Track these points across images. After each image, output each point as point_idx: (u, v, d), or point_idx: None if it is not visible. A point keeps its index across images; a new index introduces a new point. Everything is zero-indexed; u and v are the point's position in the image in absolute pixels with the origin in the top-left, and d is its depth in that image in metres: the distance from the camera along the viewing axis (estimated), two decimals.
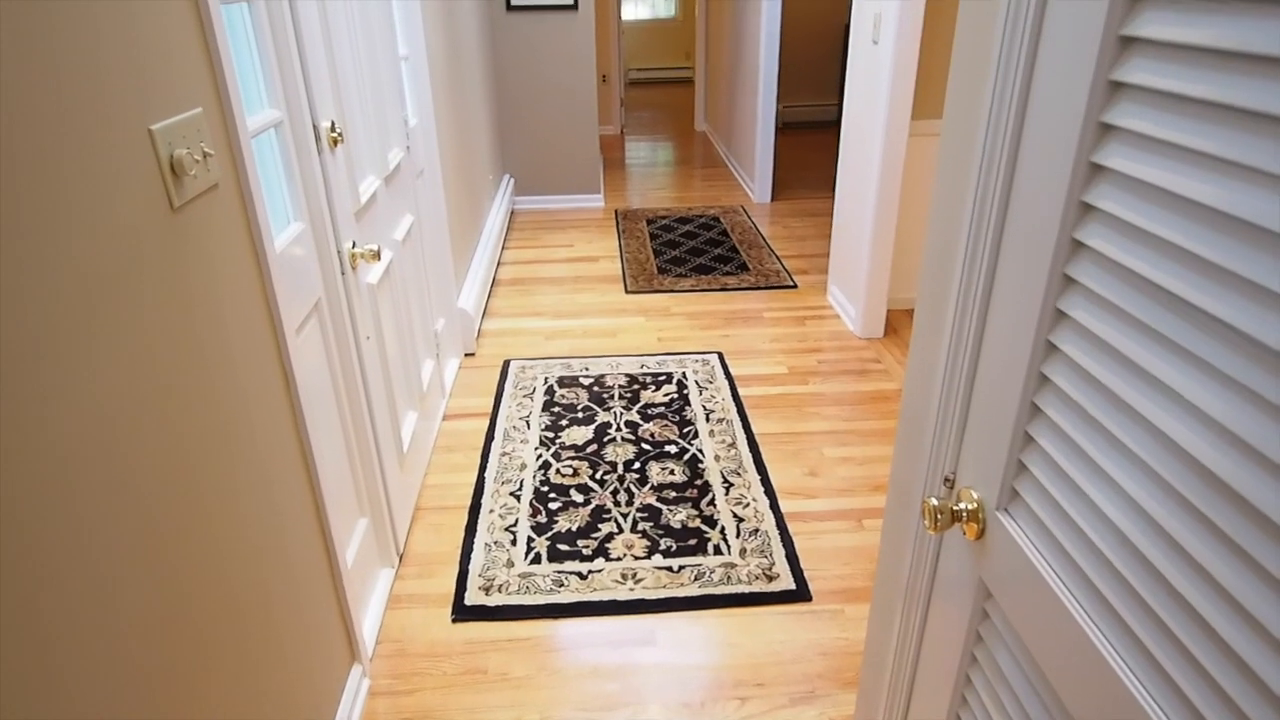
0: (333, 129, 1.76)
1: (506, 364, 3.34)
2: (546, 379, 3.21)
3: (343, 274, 1.82)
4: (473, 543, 2.30)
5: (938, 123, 3.37)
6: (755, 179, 5.53)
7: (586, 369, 3.29)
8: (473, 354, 3.44)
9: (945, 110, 1.00)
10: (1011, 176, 0.82)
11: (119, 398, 0.94)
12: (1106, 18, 0.66)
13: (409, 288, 2.55)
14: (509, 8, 4.94)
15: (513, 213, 5.42)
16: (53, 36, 0.86)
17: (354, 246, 1.87)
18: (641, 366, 3.30)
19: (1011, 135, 0.81)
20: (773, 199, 5.66)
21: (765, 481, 2.55)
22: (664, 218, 5.28)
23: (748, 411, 2.97)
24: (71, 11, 0.89)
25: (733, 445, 2.74)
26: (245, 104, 1.42)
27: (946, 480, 1.01)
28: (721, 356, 3.37)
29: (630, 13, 10.63)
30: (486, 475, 2.60)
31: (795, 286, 4.11)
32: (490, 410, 3.00)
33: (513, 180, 5.44)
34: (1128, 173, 0.66)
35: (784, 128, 8.00)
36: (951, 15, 3.24)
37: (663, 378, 3.20)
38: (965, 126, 0.95)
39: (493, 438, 2.81)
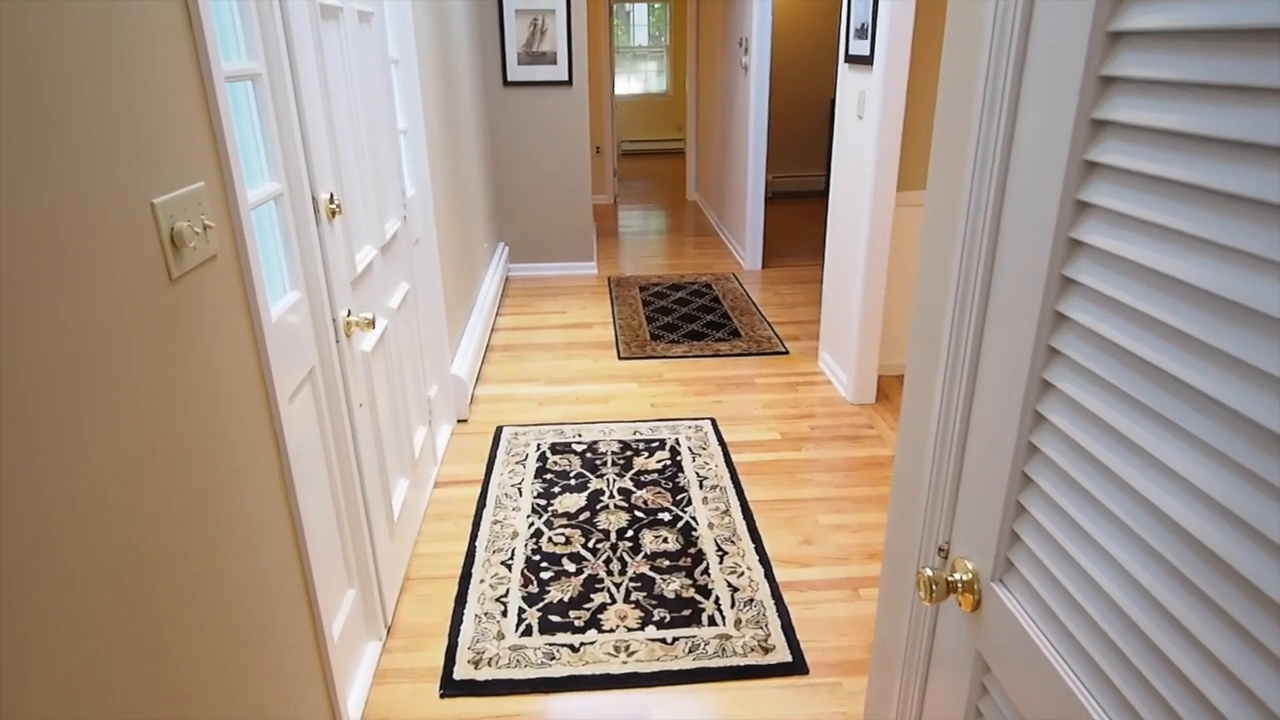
0: (331, 200, 1.79)
1: (499, 430, 3.33)
2: (539, 445, 3.20)
3: (337, 342, 1.83)
4: (463, 614, 2.25)
5: (923, 194, 3.46)
6: (746, 247, 5.62)
7: (579, 435, 3.28)
8: (465, 420, 3.44)
9: (928, 187, 1.03)
10: (994, 251, 0.84)
11: (109, 466, 0.94)
12: (1079, 101, 0.69)
13: (403, 355, 2.56)
14: (505, 83, 5.09)
15: (507, 280, 5.48)
16: (62, 111, 0.88)
17: (349, 315, 1.89)
18: (634, 433, 3.30)
19: (992, 211, 0.84)
20: (764, 266, 5.74)
21: (760, 550, 2.52)
22: (656, 285, 5.35)
23: (741, 478, 2.95)
24: (82, 87, 0.92)
25: (726, 512, 2.72)
26: (246, 177, 1.45)
27: (941, 550, 1.01)
28: (714, 422, 3.37)
29: (623, 87, 10.96)
30: (477, 544, 2.57)
31: (787, 353, 4.14)
32: (482, 477, 2.98)
33: (507, 248, 5.52)
34: (1105, 248, 0.68)
35: (773, 197, 8.17)
36: (933, 92, 3.36)
37: (655, 444, 3.20)
38: (947, 202, 0.98)
39: (484, 505, 2.78)
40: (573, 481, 2.93)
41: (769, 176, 8.13)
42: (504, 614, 2.25)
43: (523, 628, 2.19)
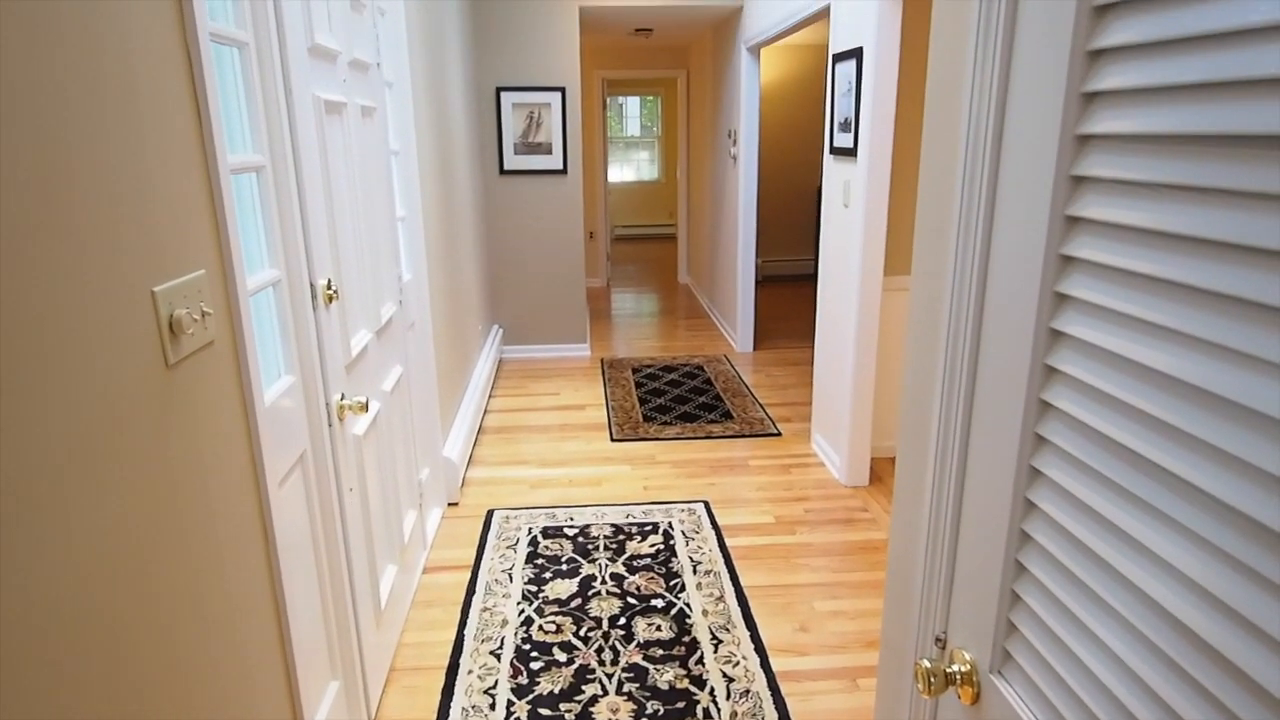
0: (329, 286, 1.82)
1: (490, 514, 3.29)
2: (530, 530, 3.15)
3: (330, 426, 1.83)
4: (449, 707, 2.18)
5: (909, 278, 3.53)
6: (737, 329, 5.69)
7: (571, 519, 3.24)
8: (456, 504, 3.40)
9: (912, 279, 1.06)
10: (978, 340, 0.86)
11: (93, 554, 0.93)
12: (1052, 198, 0.72)
13: (395, 438, 2.55)
14: (502, 172, 5.24)
15: (501, 362, 5.51)
16: (71, 202, 0.91)
17: (343, 399, 1.89)
18: (627, 516, 3.26)
19: (975, 302, 0.86)
20: (755, 348, 5.79)
21: (755, 638, 2.47)
22: (649, 366, 5.38)
23: (735, 563, 2.91)
24: (93, 180, 0.95)
25: (721, 599, 2.67)
26: (246, 263, 1.48)
27: (938, 640, 0.99)
28: (708, 505, 3.34)
29: (616, 175, 11.28)
30: (466, 632, 2.50)
31: (779, 434, 4.14)
32: (472, 563, 2.92)
33: (501, 330, 5.57)
34: (1086, 339, 0.70)
35: (764, 280, 8.31)
36: (916, 182, 3.47)
37: (649, 527, 3.16)
38: (931, 293, 1.00)
39: (474, 592, 2.73)
40: (564, 567, 2.88)
41: (759, 260, 8.29)
42: (492, 707, 2.18)
43: None
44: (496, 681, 2.28)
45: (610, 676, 2.29)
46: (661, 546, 3.01)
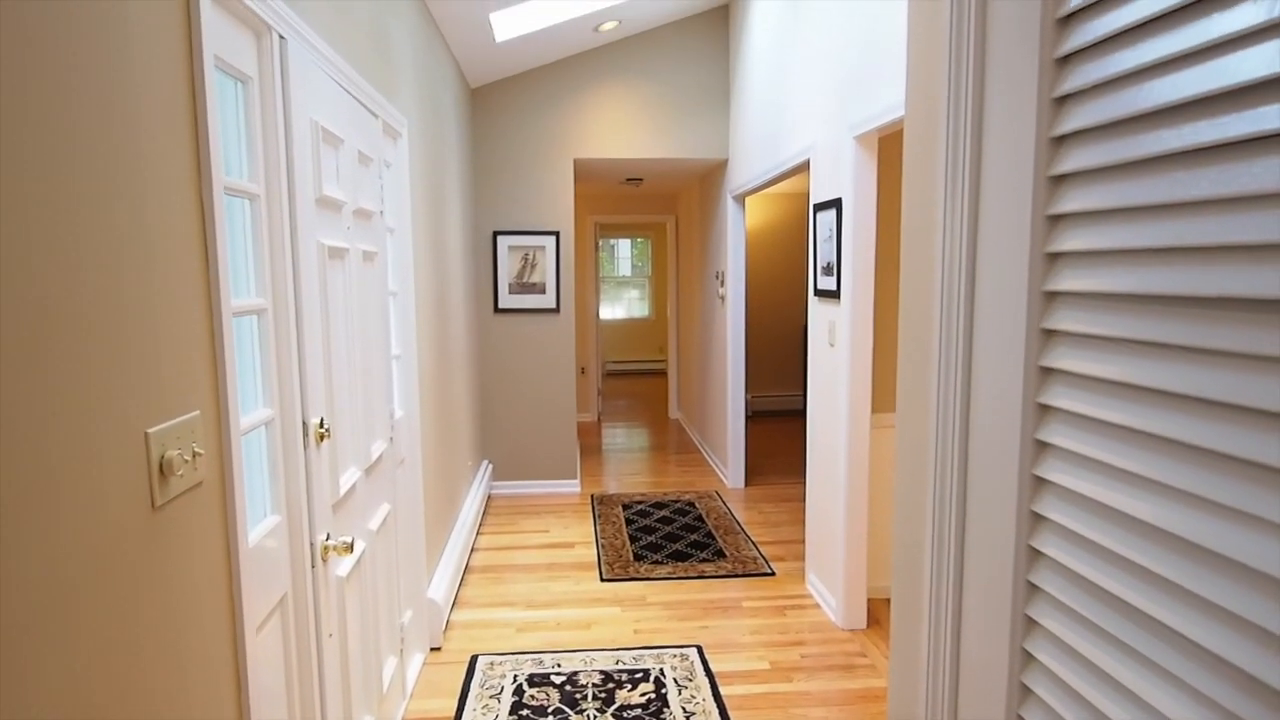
0: (321, 425, 1.83)
1: (474, 660, 3.15)
2: (515, 677, 3.01)
3: (313, 567, 1.78)
4: None
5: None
6: (728, 465, 5.67)
7: (559, 665, 3.10)
8: (439, 648, 3.26)
9: (897, 431, 1.08)
10: (964, 489, 0.87)
11: (51, 705, 0.88)
12: (1025, 351, 0.76)
13: (379, 579, 2.48)
14: (496, 310, 5.37)
15: (490, 497, 5.44)
16: (73, 340, 0.93)
17: (328, 539, 1.86)
18: (617, 662, 3.13)
19: (958, 451, 0.88)
20: (746, 484, 5.75)
21: None
22: (640, 503, 5.31)
23: (731, 714, 2.77)
24: (94, 325, 0.98)
25: None
26: (241, 403, 1.49)
27: None
28: (701, 650, 3.22)
29: (608, 312, 11.56)
30: None
31: (773, 574, 4.05)
32: (453, 714, 2.77)
33: (491, 466, 5.53)
34: (1067, 485, 0.71)
35: (753, 415, 8.36)
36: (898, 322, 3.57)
37: (639, 675, 3.02)
38: (916, 440, 1.02)
39: None
40: (551, 718, 2.73)
41: (748, 396, 8.38)
42: None
43: None
44: None
45: None
46: (653, 696, 2.88)
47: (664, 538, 4.61)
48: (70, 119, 0.93)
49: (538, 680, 3.01)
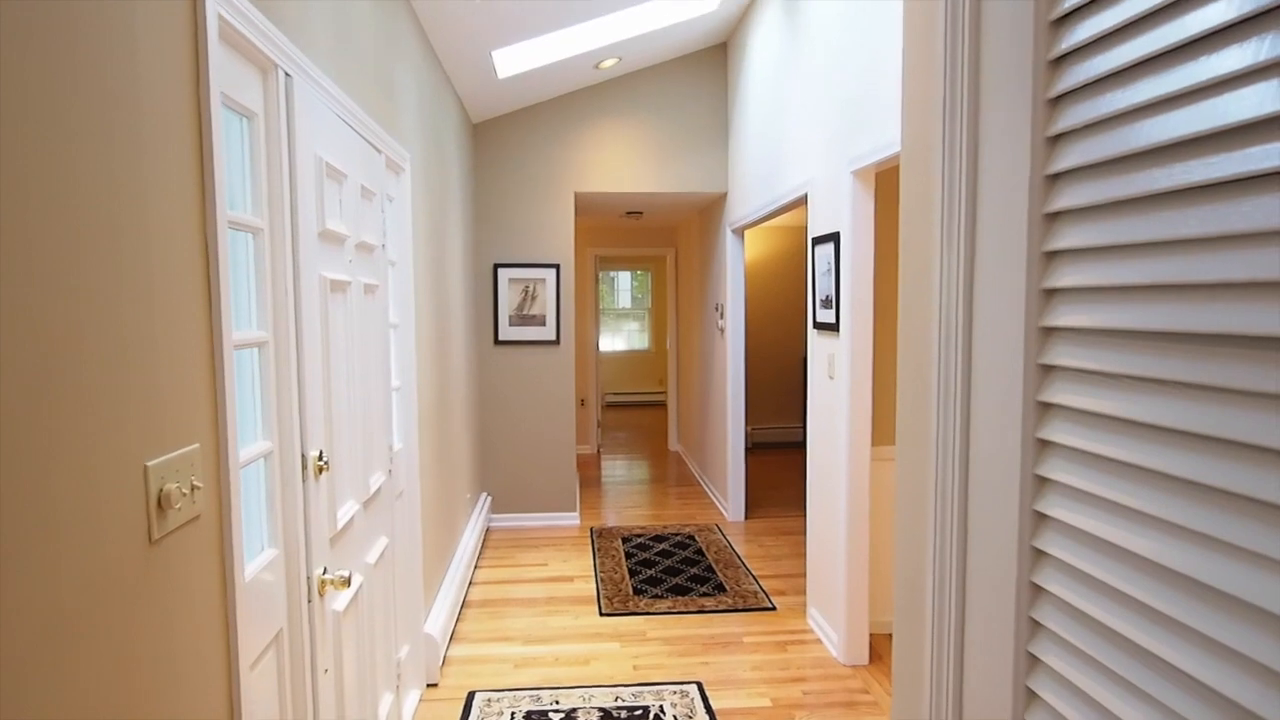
0: (320, 457, 1.82)
1: (470, 697, 3.11)
2: (513, 714, 2.97)
3: (309, 602, 1.77)
4: None
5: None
6: (728, 497, 5.64)
7: (557, 702, 3.06)
8: (435, 684, 3.21)
9: (897, 465, 1.08)
10: (965, 524, 0.87)
11: None
12: (1023, 388, 0.76)
13: (376, 613, 2.46)
14: (497, 342, 5.38)
15: (488, 530, 5.41)
16: (76, 372, 0.93)
17: (325, 573, 1.84)
18: (616, 699, 3.08)
19: (959, 486, 0.87)
20: (746, 517, 5.72)
21: None
22: (639, 535, 5.28)
23: None
24: (99, 354, 0.98)
25: None
26: (240, 435, 1.49)
27: None
28: (701, 687, 3.17)
29: (608, 344, 11.58)
30: None
31: (774, 609, 4.01)
32: None
33: (490, 498, 5.50)
34: (1068, 521, 0.71)
35: (753, 448, 8.34)
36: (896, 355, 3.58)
37: (638, 712, 2.98)
38: (916, 477, 1.02)
39: None
40: None
41: (748, 428, 8.36)
42: None
43: None
44: None
45: None
46: None
47: (664, 571, 4.57)
48: (76, 155, 0.95)
49: (535, 717, 2.97)
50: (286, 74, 1.64)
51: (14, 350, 0.83)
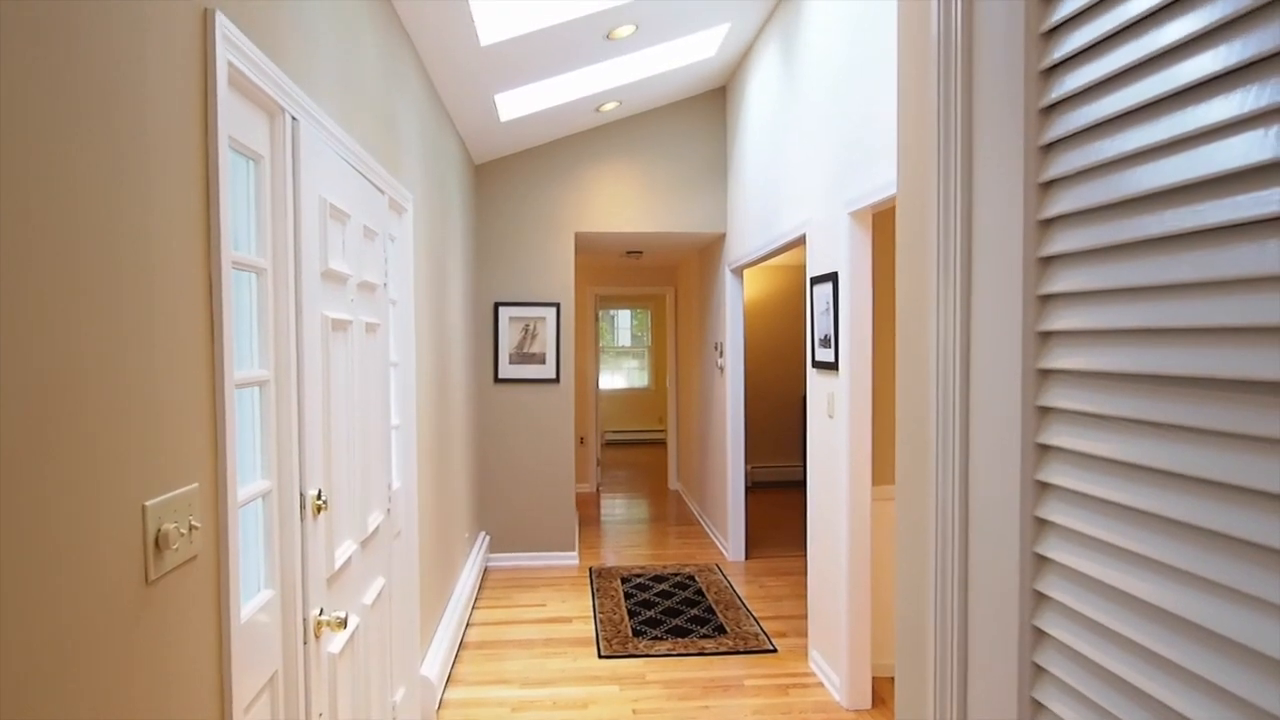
0: (319, 497, 1.82)
1: None
2: None
3: (305, 643, 1.75)
4: None
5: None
6: (729, 537, 5.59)
7: None
8: None
9: (897, 505, 1.08)
10: (966, 564, 0.87)
11: None
12: (1021, 430, 0.76)
13: (372, 655, 2.42)
14: (496, 380, 5.39)
15: (486, 570, 5.35)
16: (77, 410, 0.94)
17: (321, 614, 1.82)
18: None
19: (959, 528, 0.87)
20: (747, 557, 5.67)
21: None
22: (638, 576, 5.22)
23: None
24: (100, 393, 0.98)
25: None
26: (239, 474, 1.49)
27: None
28: None
29: (607, 383, 11.58)
30: None
31: (775, 651, 3.95)
32: None
33: (488, 537, 5.46)
34: (1068, 564, 0.71)
35: (753, 487, 8.29)
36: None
37: None
38: (917, 518, 1.02)
39: None
40: None
41: (748, 467, 8.33)
42: None
43: None
44: None
45: None
46: None
47: (663, 612, 4.52)
48: (82, 198, 0.96)
49: None
50: (293, 118, 1.67)
51: (14, 388, 0.84)
